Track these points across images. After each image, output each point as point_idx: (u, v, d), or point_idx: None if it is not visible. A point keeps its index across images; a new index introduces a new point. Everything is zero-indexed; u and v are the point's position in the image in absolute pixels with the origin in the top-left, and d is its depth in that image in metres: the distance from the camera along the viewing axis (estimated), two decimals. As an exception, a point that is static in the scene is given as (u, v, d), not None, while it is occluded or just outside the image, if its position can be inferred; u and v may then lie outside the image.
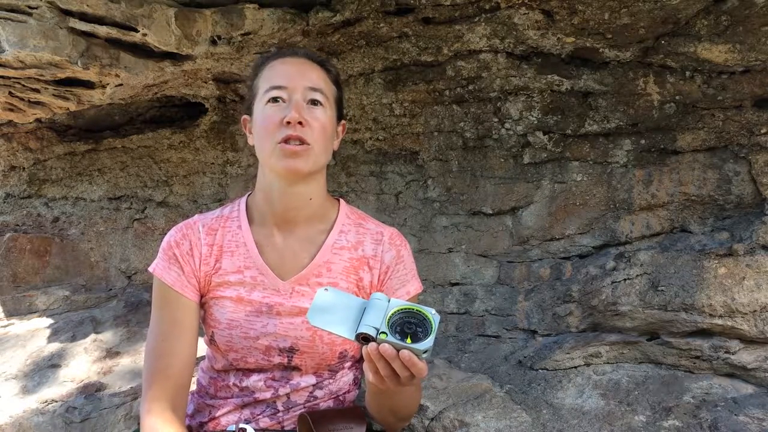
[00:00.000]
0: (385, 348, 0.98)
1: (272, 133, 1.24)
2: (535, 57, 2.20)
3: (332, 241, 1.34)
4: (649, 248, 2.07)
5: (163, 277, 1.29)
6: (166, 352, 1.26)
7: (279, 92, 1.25)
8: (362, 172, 2.53)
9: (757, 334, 1.81)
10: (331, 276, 1.32)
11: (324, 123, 1.27)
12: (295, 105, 1.24)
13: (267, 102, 1.25)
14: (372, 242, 1.36)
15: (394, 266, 1.35)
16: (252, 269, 1.31)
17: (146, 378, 1.26)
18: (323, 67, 1.34)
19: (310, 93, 1.26)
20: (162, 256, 1.32)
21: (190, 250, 1.31)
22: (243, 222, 1.35)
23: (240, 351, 1.30)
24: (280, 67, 1.30)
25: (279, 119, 1.23)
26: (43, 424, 2.11)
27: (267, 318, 1.29)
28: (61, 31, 1.91)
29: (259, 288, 1.30)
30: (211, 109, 2.70)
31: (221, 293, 1.30)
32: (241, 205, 1.38)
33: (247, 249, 1.32)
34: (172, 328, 1.27)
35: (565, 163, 2.24)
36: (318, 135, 1.25)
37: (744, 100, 2.00)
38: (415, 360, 0.98)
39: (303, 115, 1.23)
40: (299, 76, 1.27)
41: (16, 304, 2.82)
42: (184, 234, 1.33)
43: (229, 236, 1.34)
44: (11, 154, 3.03)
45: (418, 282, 1.39)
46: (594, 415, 1.80)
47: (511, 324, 2.26)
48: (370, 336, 0.99)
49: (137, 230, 2.92)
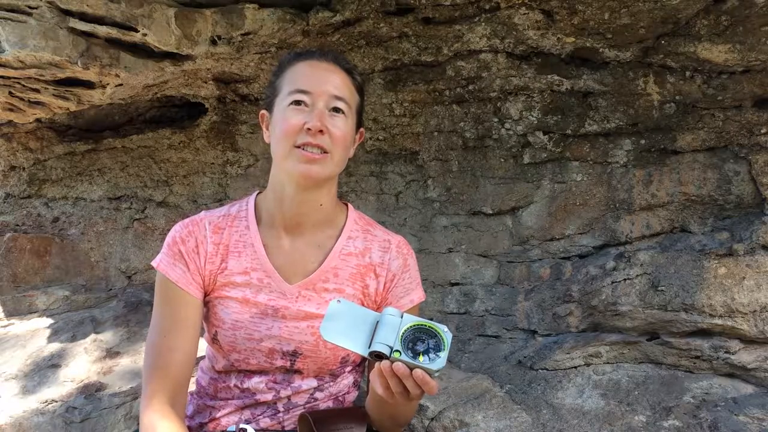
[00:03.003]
0: (399, 367, 0.99)
1: (291, 136, 1.22)
2: (535, 57, 2.20)
3: (340, 247, 1.34)
4: (649, 248, 2.07)
5: (167, 273, 1.29)
6: (167, 349, 1.25)
7: (303, 96, 1.23)
8: (362, 172, 2.53)
9: (757, 334, 1.81)
10: (337, 282, 1.32)
11: (344, 132, 1.26)
12: (318, 113, 1.22)
13: (290, 104, 1.24)
14: (379, 250, 1.36)
15: (400, 275, 1.35)
16: (259, 271, 1.30)
17: (146, 374, 1.26)
18: (350, 74, 1.32)
19: (334, 101, 1.25)
20: (167, 251, 1.31)
21: (195, 247, 1.30)
22: (251, 222, 1.34)
23: (243, 352, 1.30)
24: (307, 69, 1.27)
25: (300, 124, 1.21)
26: (43, 424, 2.11)
27: (272, 321, 1.29)
28: (61, 31, 1.91)
29: (265, 290, 1.29)
30: (211, 109, 2.70)
31: (226, 293, 1.30)
32: (249, 205, 1.37)
33: (255, 250, 1.31)
34: (174, 325, 1.27)
35: (565, 163, 2.25)
36: (337, 144, 1.25)
37: (744, 100, 2.00)
38: (428, 379, 0.99)
39: (324, 123, 1.22)
40: (324, 82, 1.25)
41: (16, 304, 2.82)
42: (190, 231, 1.32)
43: (236, 236, 1.33)
44: (11, 154, 3.03)
45: (421, 291, 1.39)
46: (594, 415, 1.80)
47: (511, 324, 2.26)
48: (383, 354, 1.00)
49: (137, 230, 2.92)
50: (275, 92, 1.30)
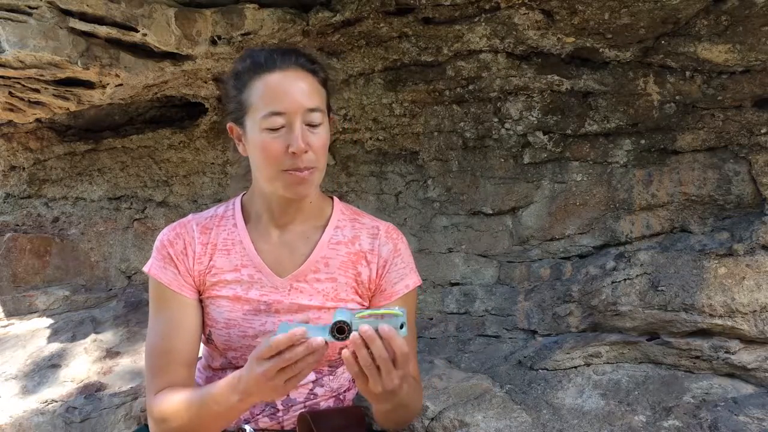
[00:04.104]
0: (365, 328, 0.97)
1: (276, 161, 1.20)
2: (535, 57, 2.20)
3: (328, 236, 1.34)
4: (649, 248, 2.07)
5: (159, 276, 1.29)
6: (167, 350, 1.25)
7: (278, 118, 1.20)
8: (362, 172, 2.53)
9: (757, 334, 1.81)
10: (329, 271, 1.32)
11: (324, 138, 1.25)
12: (300, 134, 1.19)
13: (265, 129, 1.20)
14: (368, 237, 1.36)
15: (392, 260, 1.35)
16: (249, 267, 1.30)
17: (148, 378, 1.26)
18: (314, 74, 1.28)
19: (309, 115, 1.22)
20: (156, 255, 1.31)
21: (184, 249, 1.30)
22: (239, 221, 1.34)
23: (239, 349, 1.30)
24: (274, 85, 1.22)
25: (283, 149, 1.19)
26: (43, 424, 2.11)
27: (266, 316, 1.29)
28: (61, 31, 1.92)
29: (256, 286, 1.30)
30: (211, 109, 2.70)
31: (217, 292, 1.30)
32: (236, 205, 1.38)
33: (244, 247, 1.32)
34: (171, 328, 1.27)
35: (565, 163, 2.24)
36: (320, 153, 1.24)
37: (744, 100, 2.00)
38: (393, 333, 0.97)
39: (307, 141, 1.21)
40: (296, 96, 1.21)
41: (16, 304, 2.82)
42: (177, 233, 1.32)
43: (224, 234, 1.33)
44: (11, 154, 3.03)
45: (416, 275, 1.39)
46: (594, 415, 1.80)
47: (511, 324, 2.26)
48: (345, 324, 0.99)
49: (137, 230, 2.92)
50: (242, 108, 1.25)
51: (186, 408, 1.17)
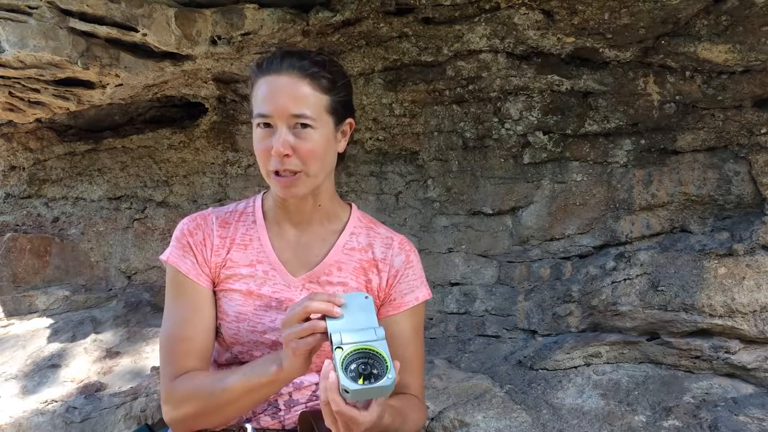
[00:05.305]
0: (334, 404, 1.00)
1: (264, 161, 1.24)
2: (535, 57, 2.20)
3: (343, 241, 1.36)
4: (649, 248, 2.07)
5: (178, 265, 1.30)
6: (184, 338, 1.26)
7: (266, 120, 1.23)
8: (362, 172, 2.52)
9: (757, 334, 1.81)
10: (341, 276, 1.33)
11: (314, 145, 1.25)
12: (281, 140, 1.20)
13: (257, 129, 1.25)
14: (382, 246, 1.37)
15: (403, 270, 1.36)
16: (264, 264, 1.32)
17: (164, 363, 1.26)
18: (314, 78, 1.26)
19: (294, 120, 1.22)
20: (176, 244, 1.32)
21: (203, 239, 1.32)
22: (258, 218, 1.36)
23: (246, 345, 1.31)
24: (265, 89, 1.24)
25: (268, 149, 1.22)
26: (43, 424, 2.11)
27: (276, 313, 1.30)
28: (61, 31, 1.92)
29: (269, 282, 1.31)
30: (211, 109, 2.70)
31: (230, 286, 1.31)
32: (257, 202, 1.40)
33: (261, 244, 1.33)
34: (188, 316, 1.28)
35: (565, 163, 2.24)
36: (307, 159, 1.24)
37: (744, 100, 2.00)
38: (351, 416, 1.01)
39: (290, 145, 1.22)
40: (283, 102, 1.22)
41: (16, 304, 2.82)
42: (197, 224, 1.34)
43: (242, 230, 1.35)
44: (11, 154, 3.03)
45: (427, 289, 1.40)
46: (594, 415, 1.80)
47: (511, 324, 2.26)
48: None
49: (137, 230, 2.92)
50: (250, 106, 1.30)
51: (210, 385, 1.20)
